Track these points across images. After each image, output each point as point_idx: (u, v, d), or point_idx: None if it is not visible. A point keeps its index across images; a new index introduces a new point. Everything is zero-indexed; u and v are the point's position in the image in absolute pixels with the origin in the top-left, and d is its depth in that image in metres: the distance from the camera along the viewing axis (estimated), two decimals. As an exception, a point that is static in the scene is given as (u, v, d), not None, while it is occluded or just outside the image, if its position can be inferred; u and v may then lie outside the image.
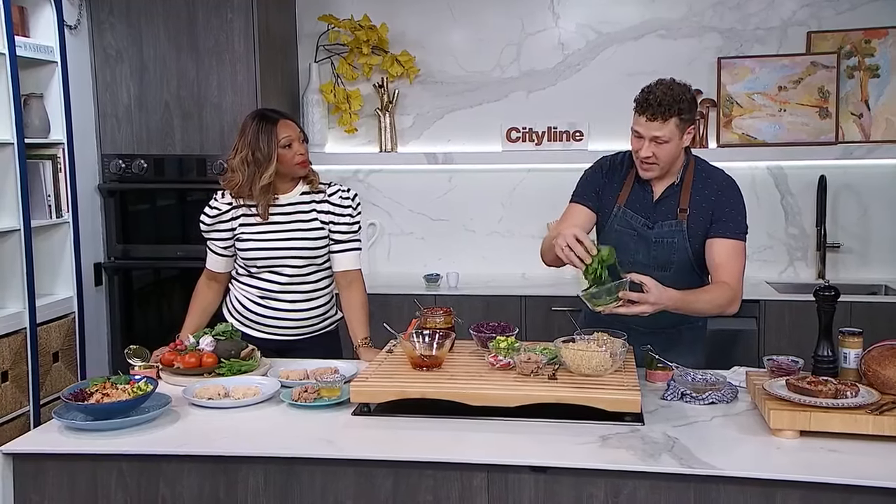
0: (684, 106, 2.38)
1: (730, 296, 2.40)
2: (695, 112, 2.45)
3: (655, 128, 2.38)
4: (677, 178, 2.51)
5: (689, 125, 2.43)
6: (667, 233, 2.51)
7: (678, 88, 2.41)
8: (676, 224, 2.50)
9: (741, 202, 2.50)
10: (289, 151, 2.65)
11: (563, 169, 4.14)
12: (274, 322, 2.75)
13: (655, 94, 2.39)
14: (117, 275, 4.09)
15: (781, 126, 4.00)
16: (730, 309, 2.41)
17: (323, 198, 2.75)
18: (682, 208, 2.49)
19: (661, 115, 2.36)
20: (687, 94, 2.41)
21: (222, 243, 2.76)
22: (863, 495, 1.75)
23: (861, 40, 3.98)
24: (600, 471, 1.85)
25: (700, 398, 2.19)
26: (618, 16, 4.15)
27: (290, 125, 2.68)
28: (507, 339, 2.31)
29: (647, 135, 2.40)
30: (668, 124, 2.38)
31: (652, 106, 2.37)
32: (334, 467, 1.94)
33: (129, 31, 3.96)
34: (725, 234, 2.45)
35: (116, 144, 4.01)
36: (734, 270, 2.44)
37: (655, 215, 2.53)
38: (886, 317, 3.39)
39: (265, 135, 2.61)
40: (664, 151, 2.41)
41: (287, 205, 2.72)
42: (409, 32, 4.27)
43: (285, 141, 2.64)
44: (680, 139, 2.42)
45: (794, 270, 4.13)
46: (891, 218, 4.06)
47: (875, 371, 2.04)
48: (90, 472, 1.99)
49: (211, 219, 2.74)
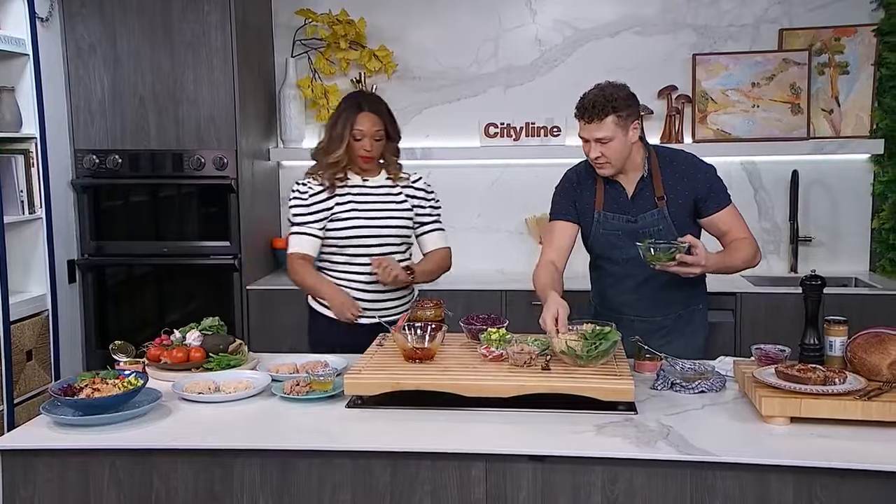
0: (618, 104, 2.46)
1: (754, 247, 2.59)
2: (634, 108, 2.52)
3: (594, 129, 2.48)
4: (645, 171, 2.59)
5: (632, 120, 2.50)
6: (650, 223, 2.58)
7: (610, 88, 2.49)
8: (658, 212, 2.57)
9: (714, 172, 2.63)
10: (357, 144, 2.73)
11: (540, 164, 4.18)
12: (372, 306, 2.75)
13: (588, 97, 2.50)
14: (91, 272, 4.03)
15: (755, 122, 4.07)
16: (756, 260, 2.60)
17: (407, 184, 2.86)
18: (660, 196, 2.58)
19: (597, 115, 2.46)
20: (620, 92, 2.48)
21: (317, 224, 2.75)
22: (854, 478, 1.80)
23: (831, 38, 4.06)
24: (597, 459, 1.87)
25: (690, 387, 2.23)
26: (594, 12, 4.19)
27: (370, 120, 2.72)
28: (499, 331, 2.32)
29: (590, 137, 2.50)
30: (605, 123, 2.46)
31: (587, 109, 2.48)
32: (331, 459, 1.94)
33: (102, 23, 3.89)
34: (720, 205, 2.60)
35: (90, 139, 3.94)
36: (744, 227, 2.61)
37: (635, 209, 2.60)
38: (858, 308, 3.47)
39: (344, 120, 2.72)
40: (611, 150, 2.49)
41: (377, 187, 2.81)
42: (386, 27, 4.26)
43: (358, 134, 2.71)
44: (625, 135, 2.49)
45: (767, 264, 4.20)
46: (860, 212, 4.15)
47: (861, 358, 2.09)
48: (82, 468, 1.97)
49: (305, 199, 2.75)
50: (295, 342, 3.85)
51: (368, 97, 2.83)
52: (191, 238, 4.01)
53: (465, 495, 1.90)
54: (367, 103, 2.75)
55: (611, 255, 2.66)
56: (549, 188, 3.96)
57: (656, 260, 2.37)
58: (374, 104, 2.77)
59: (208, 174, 3.89)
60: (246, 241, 3.95)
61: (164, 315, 4.03)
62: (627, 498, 1.87)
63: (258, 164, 4.13)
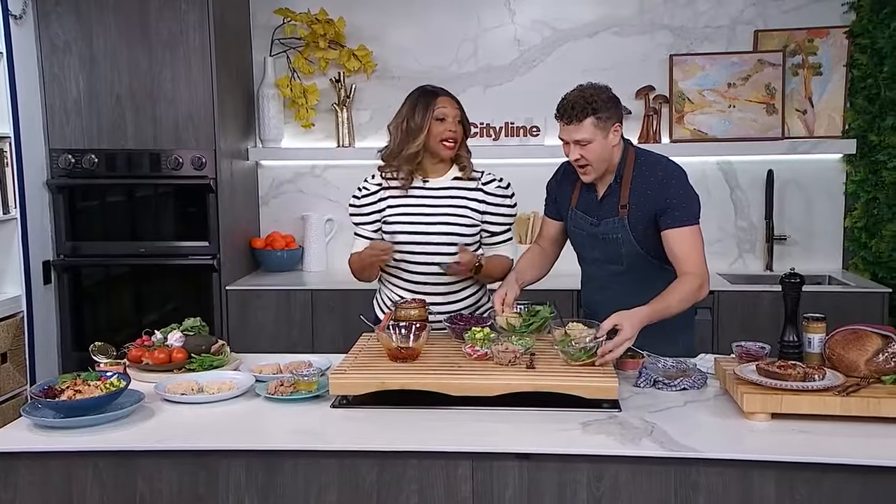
0: (598, 105, 2.42)
1: (695, 284, 2.41)
2: (615, 110, 2.47)
3: (573, 131, 2.45)
4: (614, 176, 2.54)
5: (612, 123, 2.46)
6: (610, 230, 2.54)
7: (591, 90, 2.46)
8: (618, 221, 2.53)
9: (686, 188, 2.50)
10: (440, 125, 2.60)
11: (520, 164, 4.19)
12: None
13: (569, 98, 2.46)
14: (67, 273, 3.98)
15: (731, 122, 4.12)
16: (699, 295, 2.42)
17: (476, 186, 2.69)
18: (622, 205, 2.52)
19: (576, 117, 2.43)
20: (601, 95, 2.45)
21: (371, 226, 2.71)
22: (834, 473, 1.83)
23: (804, 39, 4.12)
24: (583, 456, 1.89)
25: (672, 385, 2.25)
26: (572, 13, 4.21)
27: (450, 101, 2.64)
28: (483, 330, 2.33)
29: (569, 139, 2.47)
30: (583, 125, 2.43)
31: (567, 111, 2.45)
32: (317, 459, 1.93)
33: (77, 21, 3.84)
34: (675, 223, 2.46)
35: (65, 139, 3.89)
36: (694, 257, 2.45)
37: (601, 213, 2.58)
38: (832, 305, 3.52)
39: (422, 106, 2.61)
40: (590, 152, 2.46)
41: (437, 189, 2.67)
42: (366, 27, 4.25)
43: (440, 114, 2.60)
44: (604, 138, 2.45)
45: (743, 262, 4.26)
46: (833, 211, 4.21)
47: (839, 355, 2.12)
48: (64, 470, 1.95)
49: (359, 199, 2.70)
50: (274, 342, 3.85)
51: (433, 86, 2.70)
52: (169, 238, 3.97)
53: (451, 494, 1.91)
54: (438, 89, 2.67)
55: (580, 253, 2.68)
56: (528, 188, 3.98)
57: (575, 360, 2.20)
58: (445, 91, 2.68)
59: (186, 174, 3.86)
60: (225, 242, 3.93)
61: (142, 316, 3.99)
62: (613, 494, 1.89)
63: (237, 164, 4.10)
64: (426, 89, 2.67)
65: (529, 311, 2.46)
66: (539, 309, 2.45)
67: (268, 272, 4.26)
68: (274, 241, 4.27)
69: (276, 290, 3.93)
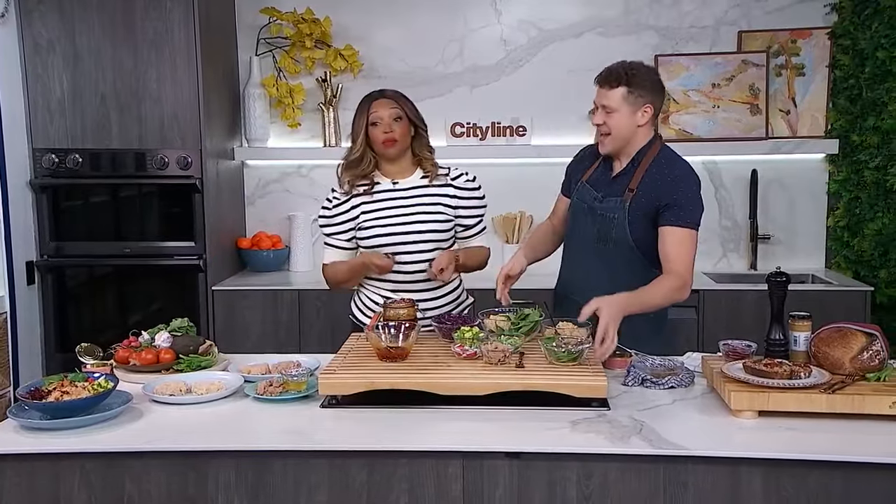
0: (633, 80, 2.46)
1: (677, 284, 2.44)
2: (652, 90, 2.50)
3: (603, 95, 2.50)
4: (632, 159, 2.56)
5: (644, 102, 2.48)
6: (611, 208, 2.56)
7: (635, 64, 2.51)
8: (621, 202, 2.55)
9: (694, 193, 2.52)
10: (376, 129, 2.61)
11: (507, 164, 4.21)
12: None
13: (611, 66, 2.52)
14: (51, 273, 3.94)
15: (715, 122, 4.15)
16: (679, 296, 2.44)
17: (445, 182, 2.71)
18: (631, 188, 2.54)
19: (609, 82, 2.48)
20: (641, 71, 2.49)
21: (344, 235, 2.69)
22: (821, 469, 1.85)
23: (788, 40, 4.16)
24: (573, 454, 1.90)
25: (660, 383, 2.26)
26: (558, 13, 4.22)
27: (385, 103, 2.63)
28: (472, 329, 2.33)
29: (598, 102, 2.52)
30: (614, 92, 2.47)
31: (604, 75, 2.51)
32: (307, 459, 1.93)
33: (60, 20, 3.81)
34: (675, 222, 2.47)
35: (49, 138, 3.86)
36: (683, 258, 2.46)
37: (609, 190, 2.60)
38: (815, 303, 3.55)
39: (358, 114, 2.64)
40: (614, 121, 2.49)
41: (408, 189, 2.68)
42: (352, 27, 4.25)
43: (373, 118, 2.61)
44: (632, 113, 2.48)
45: (727, 261, 4.29)
46: (816, 210, 4.25)
47: (825, 352, 2.15)
48: (51, 472, 1.93)
49: (330, 210, 2.69)
50: (261, 343, 3.84)
51: (379, 90, 2.71)
52: (154, 238, 3.95)
53: (442, 493, 1.92)
54: (378, 93, 2.68)
55: (572, 228, 2.70)
56: (514, 188, 4.01)
57: (559, 360, 2.20)
58: (387, 91, 2.69)
59: (172, 174, 3.84)
60: (211, 242, 3.91)
61: (127, 317, 3.97)
62: (602, 492, 1.90)
63: (223, 164, 4.09)
64: (366, 96, 2.68)
65: (518, 314, 2.46)
66: (528, 312, 2.45)
67: (254, 272, 4.25)
68: (260, 241, 4.25)
69: (263, 291, 3.92)
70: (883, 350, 2.12)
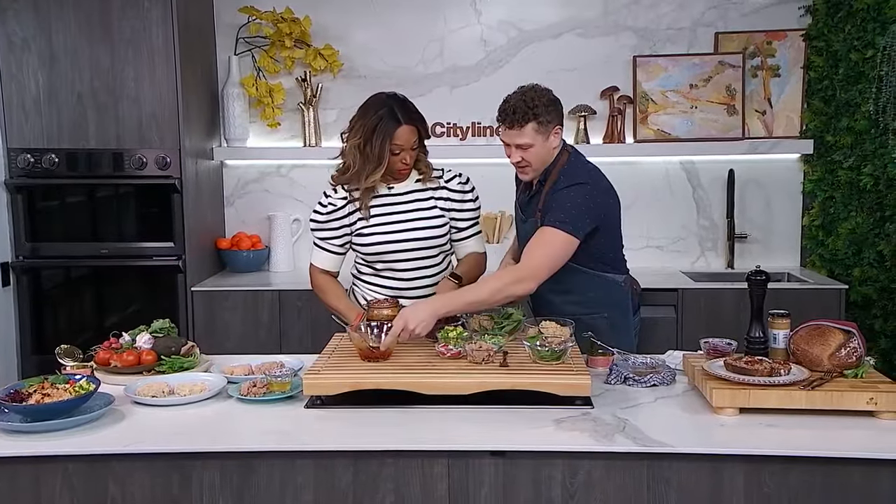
0: (539, 111, 2.44)
1: (517, 276, 2.40)
2: (556, 113, 2.50)
3: (514, 135, 2.48)
4: (539, 178, 2.58)
5: (553, 126, 2.49)
6: (529, 230, 2.58)
7: (532, 94, 2.47)
8: (533, 223, 2.58)
9: (580, 200, 2.46)
10: (395, 158, 2.53)
11: (486, 164, 4.20)
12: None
13: (510, 102, 2.48)
14: (26, 275, 3.90)
15: (693, 122, 4.19)
16: (516, 289, 2.39)
17: (440, 185, 2.67)
18: (539, 208, 2.57)
19: (517, 122, 2.45)
20: (542, 99, 2.46)
21: (338, 240, 2.64)
22: (801, 465, 1.88)
23: (763, 41, 4.21)
24: (558, 453, 1.91)
25: (642, 381, 2.29)
26: (537, 14, 4.24)
27: (409, 131, 2.51)
28: (456, 329, 2.34)
29: (511, 142, 2.50)
30: (525, 130, 2.46)
31: (508, 115, 2.47)
32: (292, 460, 1.93)
33: (36, 18, 3.76)
34: (548, 221, 2.46)
35: (24, 138, 3.81)
36: (537, 257, 2.42)
37: (528, 211, 2.65)
38: (792, 301, 3.60)
39: (380, 136, 2.48)
40: (532, 155, 2.50)
41: (404, 193, 2.64)
42: (332, 26, 4.24)
43: (396, 149, 2.51)
44: (545, 140, 2.49)
45: (705, 260, 4.33)
46: (791, 209, 4.30)
47: (803, 350, 2.18)
48: (32, 475, 1.92)
49: (324, 215, 2.62)
50: (241, 344, 3.81)
51: (400, 104, 2.54)
52: (132, 239, 3.92)
53: (428, 492, 1.92)
54: (402, 113, 2.50)
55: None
56: (495, 188, 4.00)
57: (541, 358, 2.21)
58: (408, 112, 2.52)
59: (150, 174, 3.80)
60: (190, 242, 3.88)
61: (104, 319, 3.93)
62: (586, 490, 1.91)
63: (202, 164, 4.06)
64: (390, 113, 2.49)
65: (502, 314, 2.47)
66: (511, 312, 2.46)
67: (234, 273, 4.22)
68: (240, 241, 4.23)
69: (243, 291, 3.90)
70: (860, 347, 2.16)
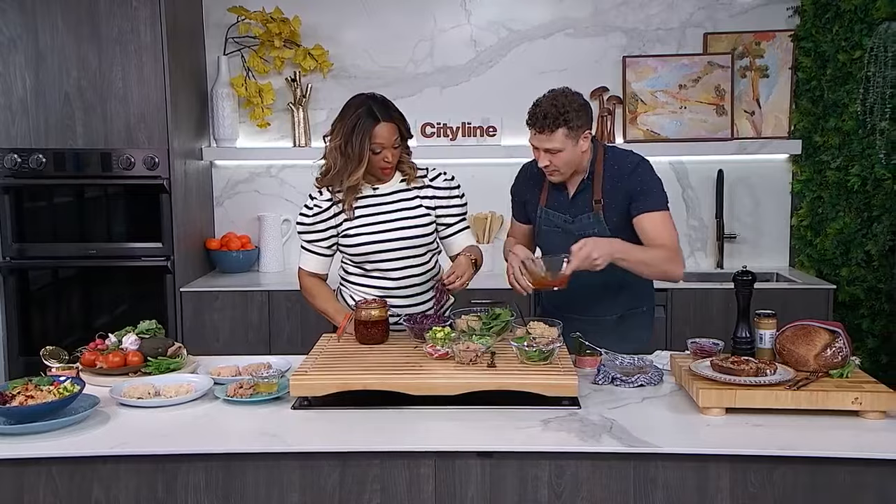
0: (570, 116, 2.45)
1: (668, 255, 2.47)
2: (586, 117, 2.51)
3: (545, 140, 2.47)
4: (587, 173, 2.60)
5: (583, 131, 2.50)
6: (586, 225, 2.59)
7: (563, 99, 2.47)
8: (594, 216, 2.58)
9: (654, 177, 2.56)
10: (376, 157, 2.51)
11: (477, 164, 4.22)
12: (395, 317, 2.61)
13: (542, 107, 2.47)
14: (13, 275, 3.88)
15: (682, 122, 4.20)
16: (671, 269, 2.48)
17: (425, 183, 2.65)
18: (597, 199, 2.58)
19: (548, 127, 2.45)
20: (573, 104, 2.46)
21: (326, 242, 2.62)
22: (787, 465, 1.88)
23: (752, 42, 4.22)
24: (544, 453, 1.91)
25: (629, 381, 2.29)
26: (527, 14, 4.25)
27: (388, 129, 2.49)
28: (444, 329, 2.34)
29: (540, 146, 2.50)
30: (555, 135, 2.46)
31: (539, 119, 2.46)
32: (278, 461, 1.92)
33: (22, 17, 3.74)
34: (647, 208, 2.50)
35: (11, 138, 3.79)
36: (669, 236, 2.50)
37: (574, 210, 2.62)
38: (780, 301, 3.63)
39: (359, 134, 2.46)
40: (561, 160, 2.50)
41: (389, 193, 2.62)
42: (321, 26, 4.23)
43: (377, 147, 2.49)
44: (575, 145, 2.49)
45: (694, 260, 4.34)
46: (780, 210, 4.32)
47: (789, 350, 2.18)
48: (15, 478, 1.91)
49: (311, 217, 2.59)
50: (230, 344, 3.80)
51: (379, 103, 2.52)
52: (120, 240, 3.90)
53: (414, 493, 1.92)
54: (380, 111, 2.49)
55: (550, 252, 2.70)
56: (485, 188, 4.01)
57: (529, 359, 2.21)
58: (386, 110, 2.51)
59: (139, 174, 3.79)
60: (179, 243, 3.87)
61: (92, 319, 3.92)
62: (573, 490, 1.91)
63: (191, 164, 4.05)
64: (368, 112, 2.48)
65: (490, 314, 2.47)
66: (499, 312, 2.46)
67: (223, 273, 4.21)
68: (229, 241, 4.22)
69: (232, 292, 3.89)
70: (846, 347, 2.16)
